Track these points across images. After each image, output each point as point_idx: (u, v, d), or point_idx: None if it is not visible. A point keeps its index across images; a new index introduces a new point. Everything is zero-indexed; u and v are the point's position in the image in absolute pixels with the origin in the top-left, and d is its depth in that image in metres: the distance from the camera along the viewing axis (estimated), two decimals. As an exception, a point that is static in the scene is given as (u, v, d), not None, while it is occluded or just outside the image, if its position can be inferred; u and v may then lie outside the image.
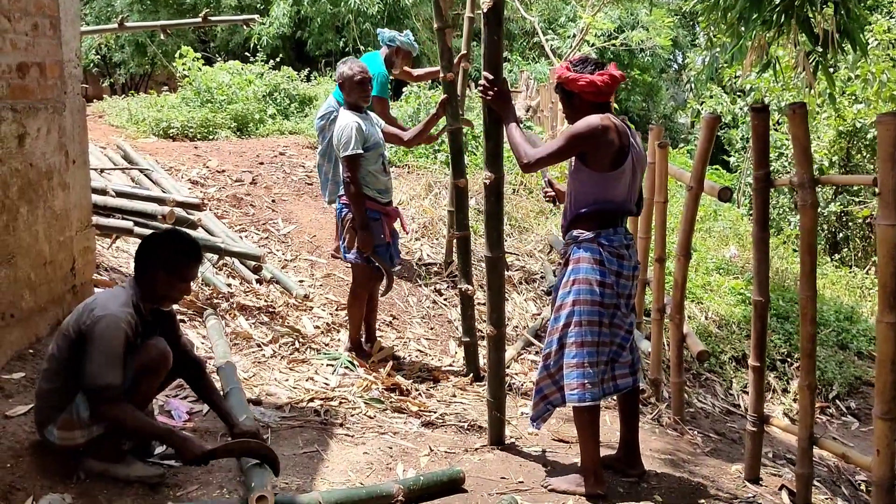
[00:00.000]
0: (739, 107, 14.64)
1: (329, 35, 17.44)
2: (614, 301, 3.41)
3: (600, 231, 3.40)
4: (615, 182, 3.38)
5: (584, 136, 3.32)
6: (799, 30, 5.18)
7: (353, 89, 4.71)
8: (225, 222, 6.39)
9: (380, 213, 4.68)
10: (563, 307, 3.43)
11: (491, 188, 3.63)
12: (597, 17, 12.65)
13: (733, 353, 6.77)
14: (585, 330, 3.37)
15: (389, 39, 6.25)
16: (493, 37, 3.46)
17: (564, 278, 3.47)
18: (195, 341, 4.55)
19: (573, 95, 3.46)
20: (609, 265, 3.38)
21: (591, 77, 3.38)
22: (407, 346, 5.28)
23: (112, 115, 10.80)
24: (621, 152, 3.35)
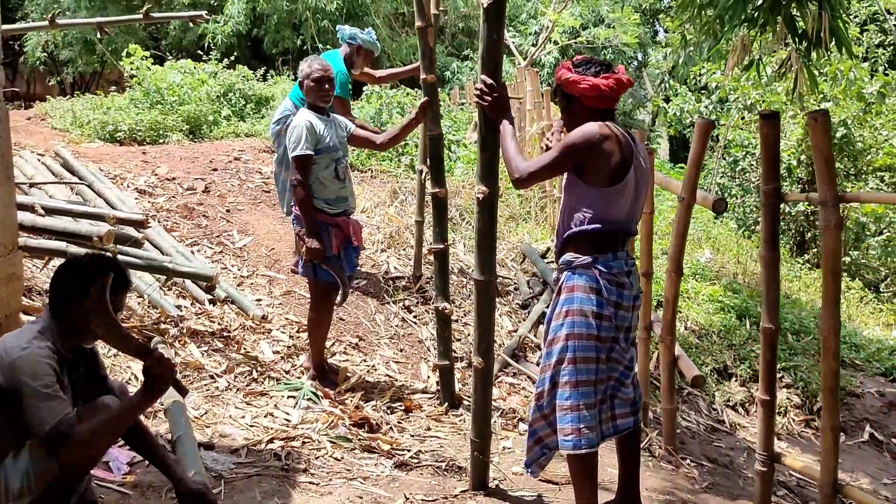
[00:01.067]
0: (704, 105, 14.45)
1: (286, 33, 16.93)
2: (612, 334, 3.05)
3: (598, 255, 3.04)
4: (615, 199, 3.02)
5: (580, 146, 2.96)
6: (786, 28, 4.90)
7: (311, 89, 4.37)
8: (175, 236, 5.91)
9: (327, 225, 4.29)
10: (556, 341, 3.06)
11: (484, 204, 3.24)
12: (562, 13, 12.31)
13: (715, 364, 6.50)
14: (581, 368, 3.00)
15: (350, 37, 5.82)
16: (492, 35, 3.08)
17: (557, 308, 3.10)
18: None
19: (573, 99, 3.09)
20: (607, 294, 3.02)
21: (595, 80, 3.02)
22: (375, 371, 4.87)
23: (56, 117, 10.18)
24: (622, 165, 2.99)
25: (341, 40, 5.87)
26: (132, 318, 4.63)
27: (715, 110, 14.17)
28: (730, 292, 7.72)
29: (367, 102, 10.67)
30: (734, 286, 8.07)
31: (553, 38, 13.60)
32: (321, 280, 4.32)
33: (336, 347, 5.02)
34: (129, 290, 2.75)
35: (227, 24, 16.18)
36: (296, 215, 4.33)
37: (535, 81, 8.95)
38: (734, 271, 8.97)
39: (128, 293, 2.76)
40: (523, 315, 5.93)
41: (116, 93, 10.85)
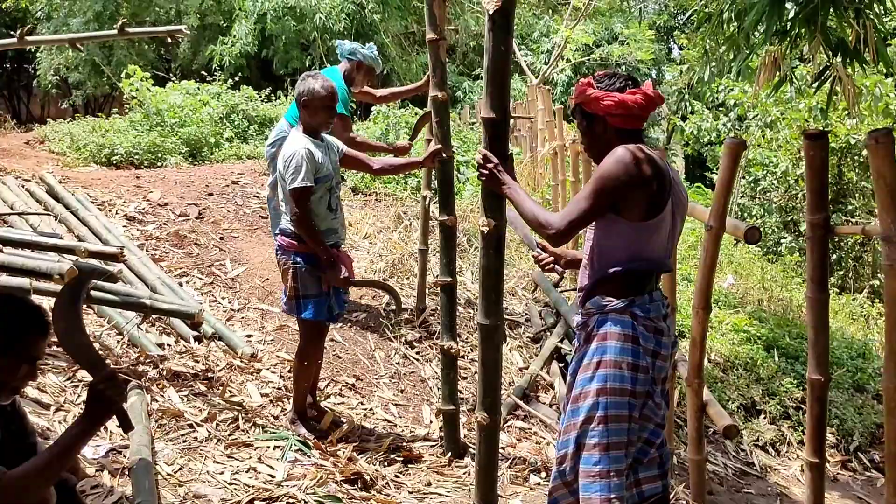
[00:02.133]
0: (722, 122, 14.06)
1: (295, 53, 16.70)
2: (647, 388, 2.65)
3: (633, 298, 2.66)
4: (653, 234, 2.64)
5: (616, 177, 2.57)
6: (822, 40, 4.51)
7: (318, 111, 3.91)
8: (163, 266, 5.54)
9: (315, 259, 3.89)
10: (584, 397, 2.66)
11: (490, 238, 2.85)
12: (575, 30, 11.96)
13: (742, 401, 6.04)
14: (613, 428, 2.60)
15: (350, 52, 5.45)
16: (499, 46, 2.68)
17: (586, 359, 2.70)
18: (110, 423, 3.70)
19: (596, 119, 2.70)
20: (645, 343, 2.64)
21: (621, 96, 2.62)
22: (373, 415, 4.46)
23: (54, 140, 9.90)
24: (660, 195, 2.61)
25: (340, 56, 5.51)
26: (108, 360, 4.25)
27: (733, 128, 13.78)
28: (755, 321, 7.27)
29: (374, 122, 10.33)
30: (760, 314, 7.62)
31: (566, 56, 13.23)
32: (309, 319, 3.93)
33: (331, 388, 4.62)
34: (48, 336, 2.35)
35: (236, 46, 15.96)
36: (282, 246, 3.94)
37: (547, 100, 8.58)
38: (759, 297, 8.51)
39: (46, 340, 2.36)
40: (535, 350, 5.51)
41: (118, 115, 10.54)
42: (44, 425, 3.51)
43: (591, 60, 15.73)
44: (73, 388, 3.88)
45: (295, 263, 3.89)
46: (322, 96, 3.89)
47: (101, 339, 4.46)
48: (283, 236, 3.93)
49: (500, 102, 2.74)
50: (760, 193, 12.60)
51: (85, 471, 3.28)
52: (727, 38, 5.78)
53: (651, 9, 26.29)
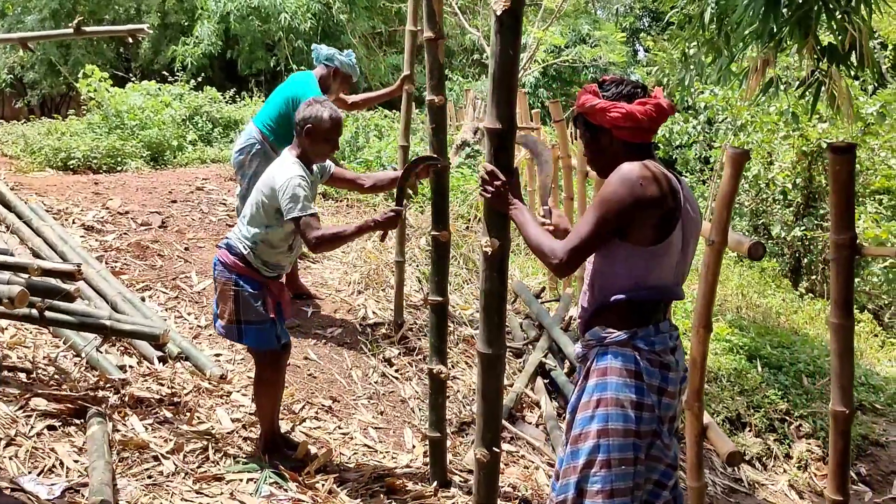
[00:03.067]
0: (692, 125, 14.01)
1: (260, 53, 16.35)
2: (653, 427, 2.41)
3: (637, 330, 2.42)
4: (661, 259, 2.40)
5: (622, 200, 2.32)
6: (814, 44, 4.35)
7: (321, 141, 3.55)
8: (124, 279, 5.22)
9: (259, 285, 3.58)
10: (585, 438, 2.42)
11: (493, 260, 2.60)
12: (546, 32, 11.79)
13: (727, 413, 5.88)
14: (617, 473, 2.36)
15: (326, 58, 5.17)
16: (507, 50, 2.43)
17: (585, 396, 2.47)
18: (67, 458, 3.40)
19: (600, 131, 2.46)
20: (649, 379, 2.40)
21: (630, 107, 2.38)
22: (352, 440, 4.19)
23: (7, 143, 9.45)
24: (670, 215, 2.37)
25: (316, 61, 5.22)
26: (65, 385, 3.93)
27: (703, 131, 13.75)
28: (736, 329, 7.14)
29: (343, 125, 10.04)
30: (740, 322, 7.50)
31: (536, 57, 13.06)
32: (259, 345, 3.64)
33: (307, 411, 4.35)
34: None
35: (199, 46, 15.55)
36: (224, 263, 3.56)
37: (523, 102, 8.36)
38: (738, 304, 8.40)
39: None
40: (518, 365, 5.27)
41: (75, 116, 10.12)
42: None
43: (561, 62, 15.58)
44: (25, 419, 3.56)
45: (237, 286, 3.54)
46: (327, 128, 3.53)
47: (56, 361, 4.14)
48: (230, 253, 3.56)
49: (507, 111, 2.51)
50: (734, 198, 12.54)
51: (38, 515, 2.98)
52: (706, 41, 5.61)
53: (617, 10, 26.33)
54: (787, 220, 11.54)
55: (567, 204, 6.55)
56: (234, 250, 3.57)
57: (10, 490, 3.08)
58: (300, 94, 4.99)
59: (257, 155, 5.03)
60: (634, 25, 26.75)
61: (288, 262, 3.71)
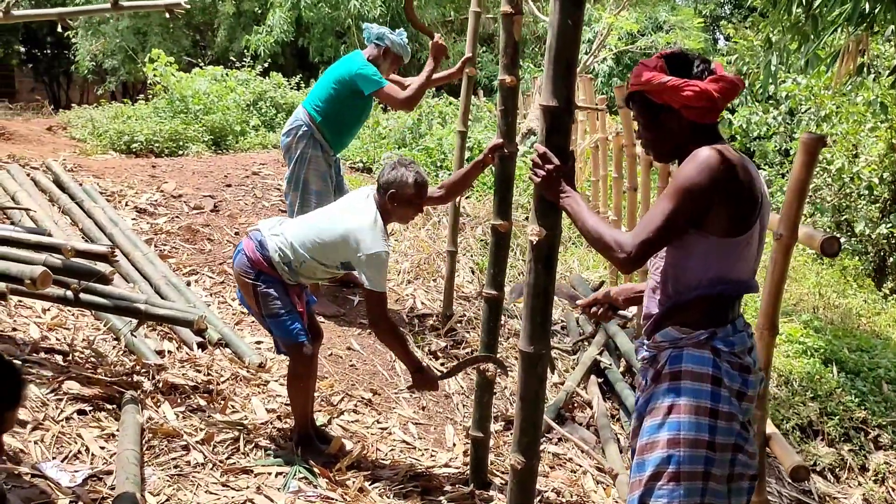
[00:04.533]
0: (773, 116, 13.41)
1: (329, 40, 16.34)
2: (732, 439, 2.17)
3: (715, 329, 2.18)
4: (741, 251, 2.18)
5: (704, 186, 2.08)
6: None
7: (404, 206, 3.48)
8: (171, 262, 5.16)
9: (279, 281, 3.44)
10: (652, 448, 2.19)
11: (540, 250, 2.37)
12: (619, 17, 11.39)
13: (798, 420, 5.51)
14: (685, 487, 2.14)
15: (377, 37, 5.00)
16: (566, 21, 2.19)
17: (655, 401, 2.23)
18: (93, 444, 3.31)
19: (667, 112, 2.20)
20: (730, 382, 2.17)
21: (704, 85, 2.12)
22: (390, 436, 4.02)
23: (76, 126, 9.62)
24: (752, 204, 2.13)
25: (367, 41, 5.06)
26: (100, 369, 3.86)
27: (784, 122, 13.14)
28: (811, 331, 6.71)
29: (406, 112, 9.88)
30: (816, 323, 7.05)
31: (608, 44, 12.67)
32: (286, 337, 3.49)
33: (345, 404, 4.19)
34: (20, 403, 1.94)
35: (272, 34, 15.61)
36: (249, 258, 3.42)
37: (590, 89, 8.04)
38: (815, 304, 7.92)
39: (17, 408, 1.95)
40: (571, 362, 5.02)
41: (143, 101, 10.23)
42: (16, 446, 3.12)
43: (635, 49, 15.11)
44: (56, 402, 3.49)
45: (256, 282, 3.42)
46: (411, 193, 3.42)
47: (94, 344, 4.08)
48: (259, 250, 3.42)
49: (563, 89, 2.26)
50: (812, 191, 11.96)
51: (55, 502, 2.89)
52: (792, 25, 5.24)
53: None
54: (873, 216, 10.93)
55: (631, 195, 6.23)
56: (264, 251, 3.42)
57: (31, 476, 3.00)
58: (349, 69, 4.86)
59: (303, 137, 4.90)
60: (715, 13, 25.89)
61: (311, 284, 3.66)
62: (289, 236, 3.43)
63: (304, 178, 4.92)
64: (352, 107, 4.92)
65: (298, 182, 4.91)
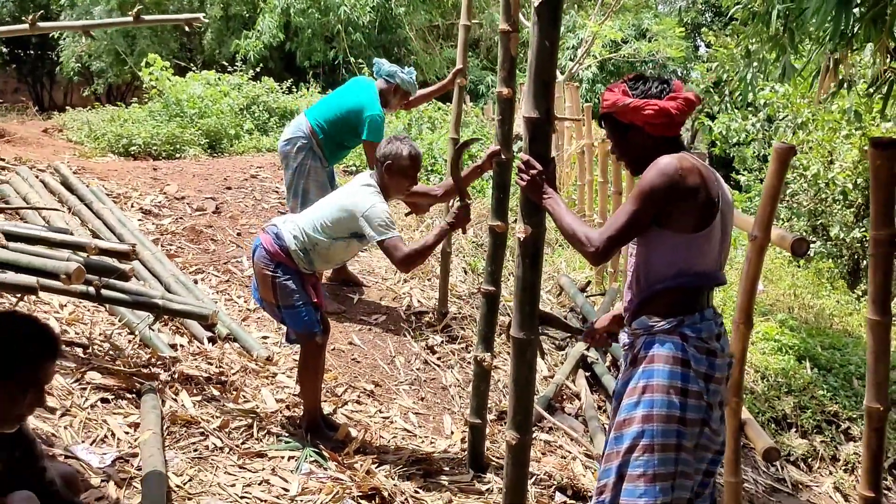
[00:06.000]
0: (751, 122, 13.76)
1: (318, 45, 16.54)
2: (700, 416, 2.46)
3: (683, 317, 2.47)
4: (703, 245, 2.46)
5: (661, 189, 2.38)
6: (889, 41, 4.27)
7: (398, 177, 3.77)
8: (178, 262, 5.38)
9: (296, 272, 3.72)
10: (629, 423, 2.48)
11: (526, 246, 2.66)
12: (603, 26, 11.70)
13: (773, 413, 5.81)
14: (658, 458, 2.41)
15: (388, 74, 5.25)
16: (544, 41, 2.48)
17: (632, 382, 2.52)
18: (118, 430, 3.55)
19: (632, 129, 2.50)
20: (696, 365, 2.45)
21: (662, 104, 2.43)
22: (392, 424, 4.28)
23: (73, 129, 9.79)
24: (709, 204, 2.42)
25: (377, 75, 5.32)
26: (118, 361, 4.09)
27: (762, 129, 13.48)
28: (787, 330, 7.03)
29: (396, 117, 10.14)
30: (791, 322, 7.37)
31: (593, 52, 12.98)
32: (300, 328, 3.76)
33: (349, 395, 4.44)
34: (57, 358, 2.18)
35: (261, 39, 15.79)
36: (267, 250, 3.70)
37: (575, 96, 8.34)
38: (789, 305, 8.25)
39: (54, 363, 2.19)
40: (560, 357, 5.30)
41: (138, 104, 10.42)
42: (48, 431, 3.36)
43: (619, 57, 15.43)
44: (80, 391, 3.72)
45: (275, 273, 3.70)
46: (406, 164, 3.74)
47: (111, 338, 4.31)
48: (275, 241, 3.70)
49: (543, 101, 2.55)
50: (789, 196, 12.32)
51: (89, 481, 3.12)
52: (770, 37, 5.53)
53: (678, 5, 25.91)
54: (847, 220, 11.27)
55: (616, 199, 6.53)
56: (281, 241, 3.69)
57: (64, 457, 3.23)
58: (362, 107, 5.10)
59: (303, 149, 5.15)
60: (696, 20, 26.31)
61: (328, 269, 3.86)
62: (301, 224, 3.73)
63: (304, 187, 5.18)
64: (353, 134, 5.19)
65: (298, 191, 5.16)
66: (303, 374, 3.86)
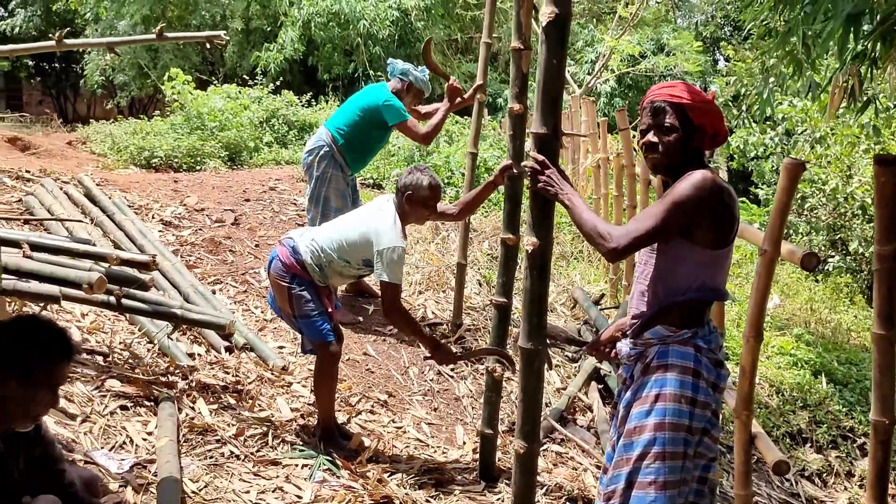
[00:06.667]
0: (770, 137, 13.74)
1: (338, 59, 16.69)
2: (703, 424, 2.52)
3: (697, 329, 2.53)
4: (722, 263, 2.55)
5: (694, 202, 2.43)
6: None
7: (419, 207, 3.85)
8: (197, 272, 5.48)
9: (311, 284, 3.80)
10: (640, 431, 2.52)
11: (534, 259, 2.71)
12: (620, 40, 11.75)
13: (788, 428, 5.80)
14: (669, 465, 2.47)
15: (402, 73, 5.35)
16: (552, 60, 2.55)
17: (644, 391, 2.56)
18: (137, 437, 3.62)
19: (696, 131, 2.54)
20: (707, 375, 2.52)
21: (722, 116, 2.52)
22: (405, 434, 4.33)
23: (96, 141, 9.97)
24: (731, 222, 2.50)
25: (391, 74, 5.42)
26: (137, 369, 4.17)
27: (781, 142, 13.46)
28: (803, 344, 7.01)
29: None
30: (807, 337, 7.36)
31: (610, 66, 13.03)
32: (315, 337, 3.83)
33: (363, 405, 4.50)
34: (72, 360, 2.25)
35: (282, 52, 15.96)
36: (283, 262, 3.78)
37: (591, 111, 8.39)
38: (806, 319, 8.23)
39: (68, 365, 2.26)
40: (573, 370, 5.33)
41: (160, 117, 10.59)
42: (68, 436, 3.44)
43: (637, 71, 15.47)
44: (100, 398, 3.80)
45: (290, 284, 3.78)
46: (426, 195, 3.82)
47: (131, 347, 4.40)
48: (292, 255, 3.78)
49: (551, 118, 2.62)
50: (808, 211, 12.28)
51: (108, 486, 3.20)
52: (787, 53, 5.56)
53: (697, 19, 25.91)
54: (867, 235, 11.22)
55: (630, 212, 6.56)
56: (297, 255, 3.77)
57: (84, 463, 3.31)
58: (376, 100, 5.19)
59: (325, 157, 5.23)
60: (715, 34, 26.29)
61: (342, 284, 3.98)
62: (318, 240, 3.80)
63: (325, 195, 5.26)
64: (373, 134, 5.28)
65: (319, 199, 5.24)
66: (318, 383, 3.93)
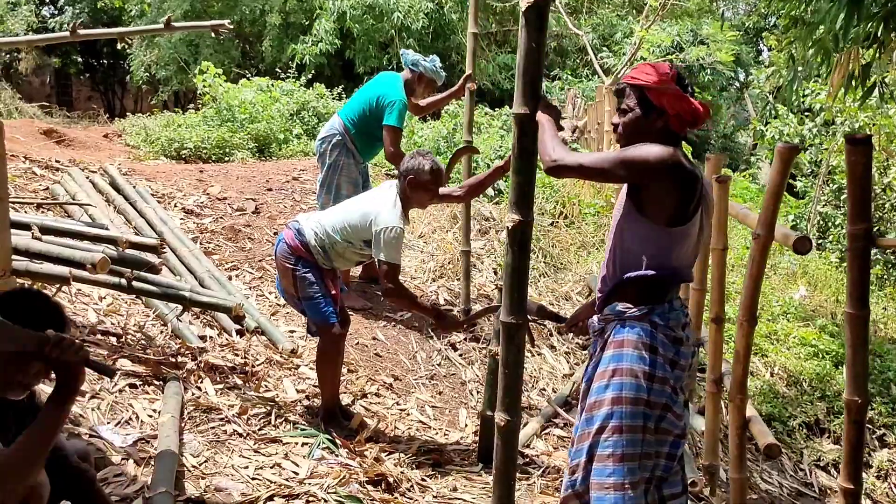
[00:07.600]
0: (808, 128, 13.50)
1: (373, 51, 16.80)
2: (664, 400, 2.55)
3: (654, 305, 2.56)
4: (681, 241, 2.56)
5: (642, 163, 2.47)
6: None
7: (419, 191, 3.91)
8: (215, 258, 5.62)
9: (316, 267, 3.89)
10: (599, 405, 2.57)
11: (514, 235, 2.76)
12: (651, 30, 11.66)
13: (805, 418, 5.75)
14: (626, 438, 2.51)
15: (412, 63, 5.43)
16: (531, 44, 2.60)
17: (602, 366, 2.62)
18: (142, 413, 3.76)
19: (656, 111, 2.58)
20: (664, 351, 2.55)
21: (695, 103, 2.54)
22: (408, 416, 4.41)
23: (131, 134, 10.23)
24: (692, 202, 2.52)
25: (404, 65, 5.51)
26: (149, 350, 4.31)
27: (819, 134, 13.21)
28: (826, 335, 6.92)
29: (442, 122, 10.28)
30: (831, 328, 7.26)
31: (642, 57, 12.93)
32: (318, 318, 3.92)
33: (369, 387, 4.59)
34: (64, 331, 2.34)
35: (318, 45, 16.10)
36: (289, 245, 3.88)
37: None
38: (832, 311, 8.11)
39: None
40: (582, 357, 5.35)
41: (193, 110, 10.81)
42: (76, 411, 3.57)
43: (669, 61, 15.29)
44: (110, 377, 3.94)
45: (295, 266, 3.88)
46: (427, 179, 3.88)
47: (144, 328, 4.54)
48: (297, 237, 3.88)
49: (531, 98, 2.66)
50: (845, 202, 12.05)
51: (110, 458, 3.32)
52: (814, 41, 5.50)
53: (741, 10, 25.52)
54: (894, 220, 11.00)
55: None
56: (302, 237, 3.87)
57: (89, 436, 3.45)
58: (384, 94, 5.27)
59: (337, 146, 5.33)
60: (758, 24, 25.87)
61: (346, 268, 4.08)
62: (323, 222, 3.91)
63: (337, 183, 5.36)
64: (379, 122, 5.35)
65: (331, 187, 5.34)
66: (320, 364, 4.02)
